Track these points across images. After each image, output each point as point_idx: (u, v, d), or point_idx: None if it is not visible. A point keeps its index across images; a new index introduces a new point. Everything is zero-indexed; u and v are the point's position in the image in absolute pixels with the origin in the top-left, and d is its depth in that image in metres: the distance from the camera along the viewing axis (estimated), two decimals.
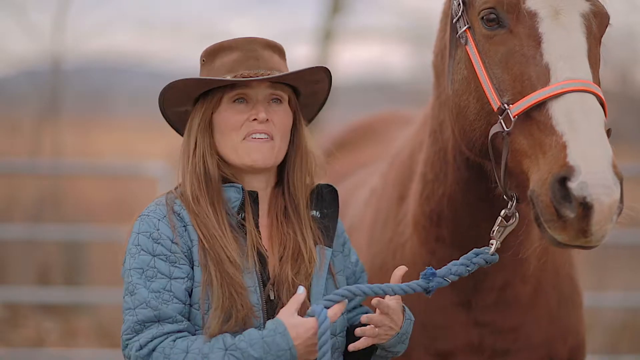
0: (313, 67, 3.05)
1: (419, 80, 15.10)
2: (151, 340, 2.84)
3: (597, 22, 2.92)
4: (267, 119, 2.97)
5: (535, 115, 2.79)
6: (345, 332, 3.06)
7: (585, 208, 2.62)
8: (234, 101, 3.00)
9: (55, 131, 11.21)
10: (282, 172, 3.08)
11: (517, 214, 2.94)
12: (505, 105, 2.85)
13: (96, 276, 10.09)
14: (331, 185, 3.13)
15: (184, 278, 2.89)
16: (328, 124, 10.42)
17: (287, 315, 2.81)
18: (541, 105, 2.78)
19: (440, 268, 2.99)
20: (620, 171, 2.68)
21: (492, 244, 2.96)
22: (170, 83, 3.02)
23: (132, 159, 11.61)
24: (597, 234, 2.66)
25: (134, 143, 13.55)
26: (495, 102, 2.89)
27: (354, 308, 3.16)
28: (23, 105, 12.71)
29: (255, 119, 2.97)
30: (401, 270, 2.97)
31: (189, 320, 2.91)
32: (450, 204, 3.31)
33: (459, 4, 3.06)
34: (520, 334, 3.46)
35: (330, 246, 3.04)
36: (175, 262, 2.89)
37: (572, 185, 2.62)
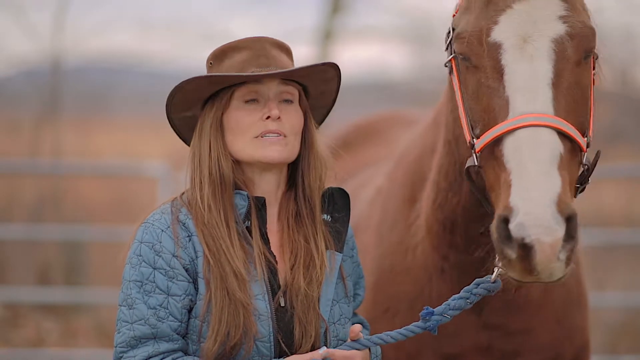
0: (325, 63, 3.03)
1: (419, 80, 15.11)
2: (147, 359, 2.85)
3: (573, 44, 2.86)
4: (279, 117, 2.93)
5: (495, 151, 2.79)
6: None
7: (525, 249, 2.61)
8: (245, 101, 2.95)
9: (55, 131, 11.20)
10: (293, 175, 3.04)
11: None
12: (474, 140, 2.86)
13: (96, 276, 10.10)
14: (342, 189, 3.09)
15: (180, 295, 2.86)
16: (328, 124, 10.44)
17: None
18: (498, 140, 2.77)
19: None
20: (568, 207, 2.65)
21: (494, 271, 2.90)
22: (180, 83, 2.96)
23: (132, 159, 11.61)
24: (544, 272, 2.65)
25: (134, 143, 13.54)
26: (467, 136, 2.90)
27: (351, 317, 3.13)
28: (23, 105, 12.71)
29: (268, 117, 2.92)
30: (357, 327, 2.91)
31: (186, 334, 2.90)
32: (464, 213, 3.27)
33: (449, 31, 3.04)
34: (529, 336, 3.44)
35: (340, 251, 3.01)
36: (174, 278, 2.86)
37: (511, 226, 2.62)
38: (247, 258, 2.90)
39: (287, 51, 3.04)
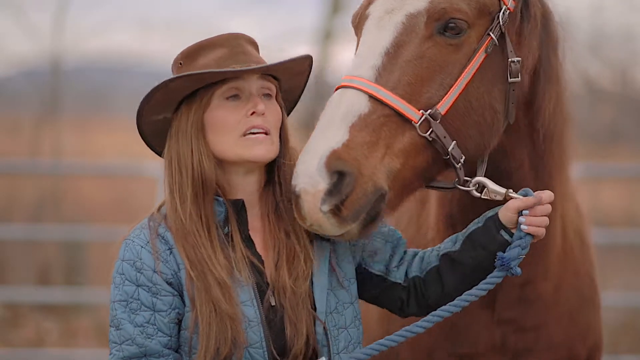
0: (305, 55, 3.00)
1: None
2: None
3: (426, 19, 2.95)
4: (264, 112, 2.90)
5: None
6: (359, 321, 3.00)
7: (295, 196, 2.79)
8: (227, 98, 2.90)
9: (55, 131, 11.22)
10: (270, 170, 2.99)
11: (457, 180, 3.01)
12: None
13: (96, 276, 10.09)
14: None
15: (166, 310, 2.84)
16: None
17: None
18: None
19: None
20: (342, 163, 2.76)
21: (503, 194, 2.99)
22: (164, 82, 2.90)
23: (132, 159, 11.61)
24: (313, 223, 2.79)
25: (134, 143, 13.49)
26: None
27: (399, 265, 3.09)
28: (23, 105, 12.73)
29: (253, 113, 2.88)
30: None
31: (178, 347, 2.87)
32: (459, 206, 3.30)
33: None
34: (542, 333, 3.45)
35: (327, 239, 2.97)
36: (157, 294, 2.83)
37: (293, 175, 2.81)
38: (230, 264, 2.86)
39: (257, 47, 3.01)
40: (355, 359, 2.91)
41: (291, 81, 3.04)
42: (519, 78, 3.05)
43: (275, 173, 2.97)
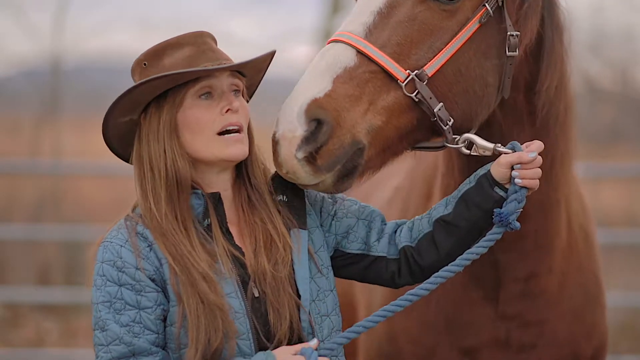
0: (271, 51, 2.99)
1: None
2: None
3: None
4: (238, 110, 2.90)
5: None
6: (338, 308, 3.00)
7: (274, 142, 2.81)
8: (199, 96, 2.88)
9: (55, 131, 11.22)
10: (239, 165, 2.98)
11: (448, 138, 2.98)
12: None
13: None
14: None
15: (152, 307, 2.82)
16: None
17: (284, 353, 2.82)
18: None
19: None
20: (321, 112, 2.77)
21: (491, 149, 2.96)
22: (145, 81, 2.87)
23: None
24: (289, 170, 2.80)
25: None
26: None
27: (379, 238, 3.06)
28: (23, 105, 12.73)
29: (228, 110, 2.88)
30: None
31: (165, 344, 2.86)
32: None
33: None
34: (545, 329, 3.45)
35: (304, 227, 2.98)
36: (141, 291, 2.81)
37: (275, 121, 2.82)
38: (212, 258, 2.85)
39: (217, 43, 2.99)
40: (363, 327, 2.92)
41: (254, 78, 3.04)
42: (517, 52, 3.03)
43: (243, 169, 2.98)
